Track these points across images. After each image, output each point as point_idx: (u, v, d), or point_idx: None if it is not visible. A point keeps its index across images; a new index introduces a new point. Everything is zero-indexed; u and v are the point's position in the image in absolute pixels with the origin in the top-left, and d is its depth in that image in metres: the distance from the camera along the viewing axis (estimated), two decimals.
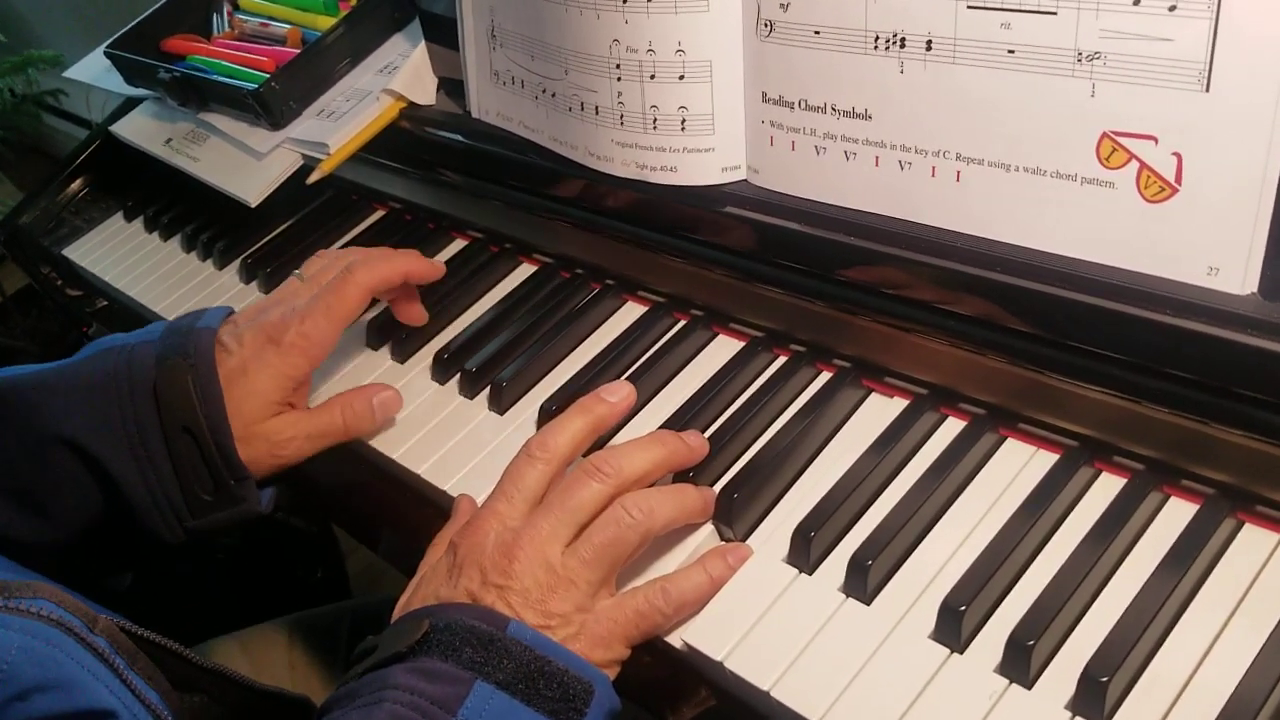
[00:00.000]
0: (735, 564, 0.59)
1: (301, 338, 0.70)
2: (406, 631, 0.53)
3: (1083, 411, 0.57)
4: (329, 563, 1.47)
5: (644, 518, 0.58)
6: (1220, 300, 0.51)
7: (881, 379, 0.66)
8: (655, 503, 0.58)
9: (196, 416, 0.67)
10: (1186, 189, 0.51)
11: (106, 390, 0.67)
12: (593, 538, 0.57)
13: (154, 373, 0.67)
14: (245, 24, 1.07)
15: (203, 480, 0.68)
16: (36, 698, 0.49)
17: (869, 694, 0.52)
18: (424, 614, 0.55)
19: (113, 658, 0.53)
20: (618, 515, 0.58)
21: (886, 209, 0.62)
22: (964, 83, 0.56)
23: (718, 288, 0.72)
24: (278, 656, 0.90)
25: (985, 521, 0.58)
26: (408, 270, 0.76)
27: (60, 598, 0.54)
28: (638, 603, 0.57)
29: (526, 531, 0.57)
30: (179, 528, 0.68)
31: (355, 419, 0.72)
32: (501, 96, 0.80)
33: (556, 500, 0.58)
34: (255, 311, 0.73)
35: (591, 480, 0.58)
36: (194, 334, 0.70)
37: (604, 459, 0.59)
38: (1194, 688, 0.49)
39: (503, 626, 0.53)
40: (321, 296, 0.72)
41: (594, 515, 0.58)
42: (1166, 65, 0.50)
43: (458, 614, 0.54)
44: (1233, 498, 0.54)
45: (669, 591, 0.57)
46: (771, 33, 0.63)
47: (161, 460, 0.67)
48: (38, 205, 1.16)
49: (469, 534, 0.58)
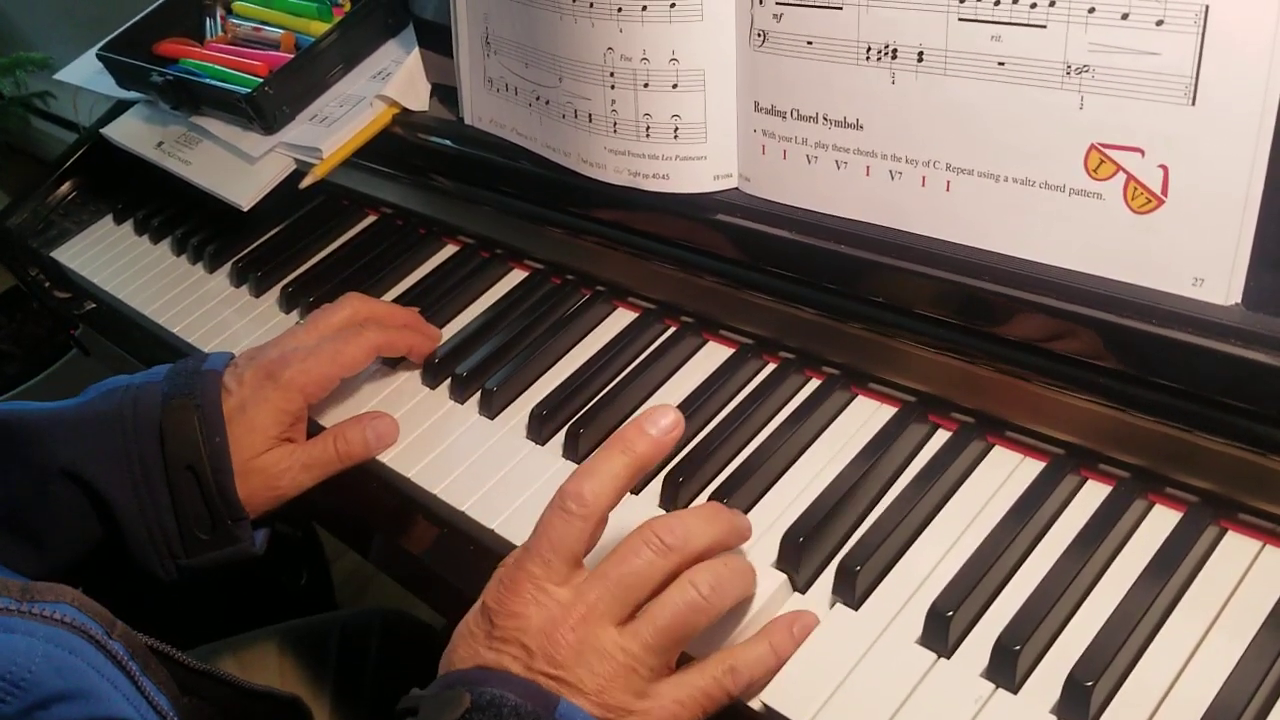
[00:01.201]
0: (801, 636, 0.54)
1: (301, 374, 0.71)
2: (445, 703, 0.49)
3: (1069, 420, 0.58)
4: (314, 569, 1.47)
5: (717, 599, 0.52)
6: (1205, 311, 0.52)
7: (870, 386, 0.67)
8: (725, 580, 0.53)
9: (200, 456, 0.67)
10: (1172, 201, 0.52)
11: (111, 425, 0.68)
12: (657, 620, 0.52)
13: (160, 411, 0.68)
14: (238, 28, 1.07)
15: (201, 519, 0.68)
16: (57, 707, 0.49)
17: (856, 698, 0.52)
18: (464, 685, 0.50)
19: (128, 663, 0.54)
20: (688, 596, 0.52)
21: (877, 218, 0.62)
22: (954, 94, 0.57)
23: (708, 295, 0.73)
24: (269, 665, 0.90)
25: (972, 528, 0.58)
26: (410, 346, 0.78)
27: (81, 601, 0.54)
28: (705, 684, 0.52)
29: (576, 608, 0.51)
30: (172, 565, 0.69)
31: (348, 447, 0.72)
32: (495, 103, 0.81)
33: (611, 570, 0.52)
34: (255, 352, 0.74)
35: (651, 552, 0.53)
36: (200, 376, 0.70)
37: (666, 528, 0.53)
38: (1178, 693, 0.49)
39: (551, 708, 0.48)
40: (330, 342, 0.73)
41: (651, 592, 0.53)
42: (1153, 79, 0.50)
43: (501, 688, 0.49)
44: (1216, 506, 0.55)
45: (738, 672, 0.52)
46: (765, 42, 0.64)
47: (162, 496, 0.67)
48: (27, 207, 1.16)
49: (506, 598, 0.52)
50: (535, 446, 0.71)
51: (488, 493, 0.68)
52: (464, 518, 0.67)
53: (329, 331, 0.75)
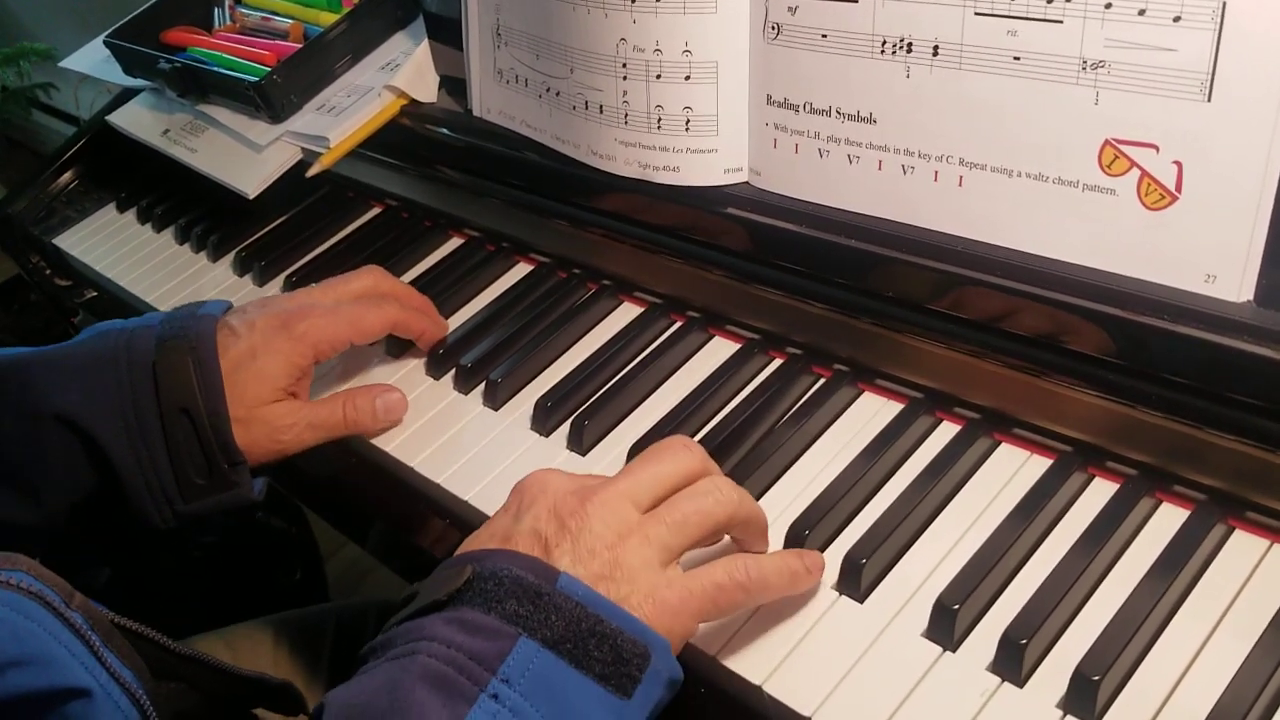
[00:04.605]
0: (815, 569, 0.56)
1: (317, 330, 0.71)
2: (447, 578, 0.50)
3: (1078, 416, 0.58)
4: (308, 564, 1.46)
5: (734, 499, 0.55)
6: (1216, 307, 0.52)
7: (876, 382, 0.67)
8: (741, 493, 0.55)
9: (195, 398, 0.67)
10: (1186, 197, 0.52)
11: (104, 368, 0.67)
12: (679, 504, 0.54)
13: (153, 354, 0.67)
14: (247, 18, 1.07)
15: (197, 463, 0.67)
16: (11, 673, 0.48)
17: (862, 690, 0.52)
18: (467, 559, 0.51)
19: (88, 633, 0.52)
20: (709, 489, 0.55)
21: (888, 213, 0.62)
22: (969, 88, 0.57)
23: (716, 289, 0.73)
24: (263, 653, 0.89)
25: (979, 523, 0.58)
26: (423, 330, 0.78)
27: (38, 570, 0.52)
28: (716, 575, 0.53)
29: (606, 485, 0.54)
30: (169, 510, 0.68)
31: (356, 415, 0.72)
32: (504, 95, 0.81)
33: (642, 463, 0.56)
34: (268, 300, 0.74)
35: (682, 450, 0.56)
36: (195, 319, 0.70)
37: (691, 441, 0.58)
38: (1183, 689, 0.49)
39: (552, 580, 0.49)
40: (351, 307, 0.73)
41: (678, 486, 0.55)
42: (1169, 75, 0.50)
43: (505, 562, 0.50)
44: (1223, 503, 0.55)
45: (752, 568, 0.53)
46: (778, 35, 0.64)
47: (156, 439, 0.66)
48: (28, 194, 1.15)
49: (534, 480, 0.55)
50: (539, 438, 0.71)
51: (491, 483, 0.68)
52: (467, 507, 0.67)
53: (346, 297, 0.75)
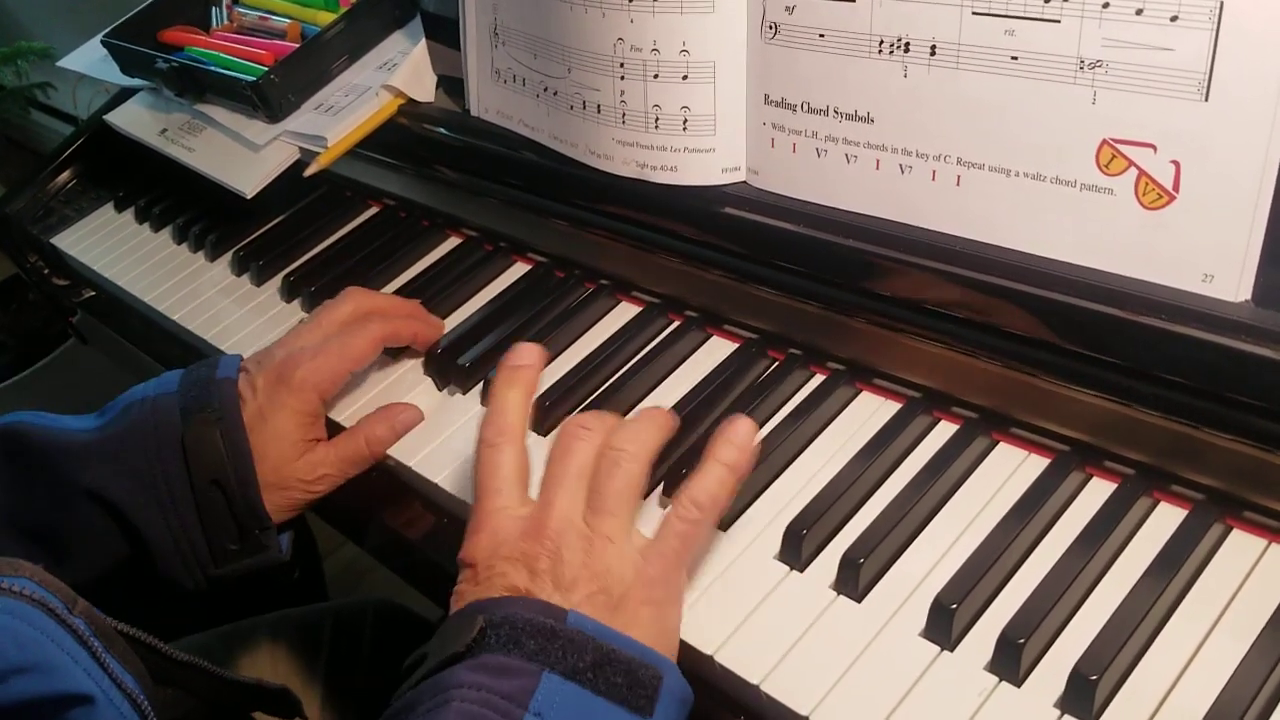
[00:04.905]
0: (745, 444, 0.58)
1: (313, 373, 0.71)
2: (458, 631, 0.51)
3: (1075, 416, 0.58)
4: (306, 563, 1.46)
5: (639, 448, 0.58)
6: (1214, 307, 0.52)
7: (874, 382, 0.67)
8: (637, 431, 0.59)
9: (225, 470, 0.67)
10: (1183, 197, 0.52)
11: (133, 447, 0.68)
12: (605, 488, 0.56)
13: (180, 428, 0.68)
14: (244, 17, 1.07)
15: (229, 531, 0.68)
16: (15, 679, 0.48)
17: (859, 689, 0.52)
18: (474, 611, 0.52)
19: (91, 640, 0.53)
20: (615, 458, 0.57)
21: (886, 212, 0.62)
22: (967, 88, 0.57)
23: (713, 289, 0.73)
24: (260, 652, 0.90)
25: (976, 523, 0.58)
26: (415, 335, 0.78)
27: (41, 576, 0.53)
28: (674, 527, 0.56)
29: (547, 509, 0.56)
30: (201, 576, 0.69)
31: (378, 444, 0.73)
32: (502, 94, 0.81)
33: (558, 470, 0.58)
34: (262, 355, 0.74)
35: (578, 440, 0.59)
36: (215, 385, 0.70)
37: (578, 419, 0.60)
38: (1181, 689, 0.49)
39: (562, 618, 0.51)
40: (336, 339, 0.73)
41: (595, 467, 0.58)
42: (1167, 74, 0.50)
43: (512, 608, 0.52)
44: (1221, 503, 0.55)
45: (697, 499, 0.56)
46: (776, 35, 0.64)
47: (189, 512, 0.67)
48: (26, 194, 1.15)
49: (475, 540, 0.57)
50: (538, 438, 0.71)
51: None
52: (465, 507, 0.67)
53: (333, 328, 0.75)
